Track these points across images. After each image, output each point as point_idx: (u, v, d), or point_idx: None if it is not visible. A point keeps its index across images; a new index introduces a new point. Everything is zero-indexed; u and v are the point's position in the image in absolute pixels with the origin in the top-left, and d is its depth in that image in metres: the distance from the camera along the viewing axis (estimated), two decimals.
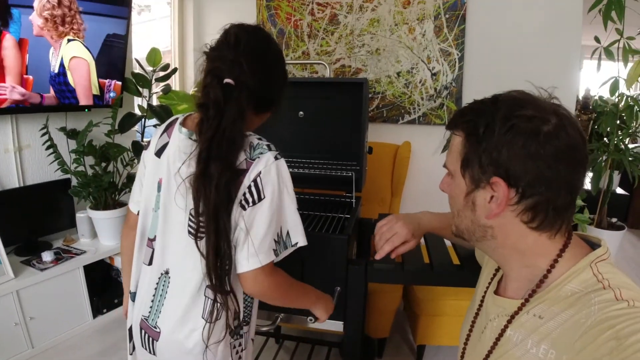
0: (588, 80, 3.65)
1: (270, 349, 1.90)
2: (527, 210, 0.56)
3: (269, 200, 0.77)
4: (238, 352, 0.89)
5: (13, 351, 1.82)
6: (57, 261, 1.99)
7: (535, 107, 0.56)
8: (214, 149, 0.74)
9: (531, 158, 0.54)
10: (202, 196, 0.74)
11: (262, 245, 0.77)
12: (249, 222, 0.77)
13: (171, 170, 0.83)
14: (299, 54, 2.62)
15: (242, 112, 0.76)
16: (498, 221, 0.59)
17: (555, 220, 0.57)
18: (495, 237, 0.61)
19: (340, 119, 1.49)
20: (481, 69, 2.32)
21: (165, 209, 0.85)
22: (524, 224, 0.58)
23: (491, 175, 0.56)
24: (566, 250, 0.59)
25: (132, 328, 0.94)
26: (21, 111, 1.94)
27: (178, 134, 0.84)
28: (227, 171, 0.74)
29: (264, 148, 0.80)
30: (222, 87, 0.75)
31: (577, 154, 0.55)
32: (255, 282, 0.80)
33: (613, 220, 2.15)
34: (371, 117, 2.52)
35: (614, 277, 0.55)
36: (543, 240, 0.59)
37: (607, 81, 2.04)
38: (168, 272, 0.86)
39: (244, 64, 0.76)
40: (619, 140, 2.03)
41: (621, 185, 3.90)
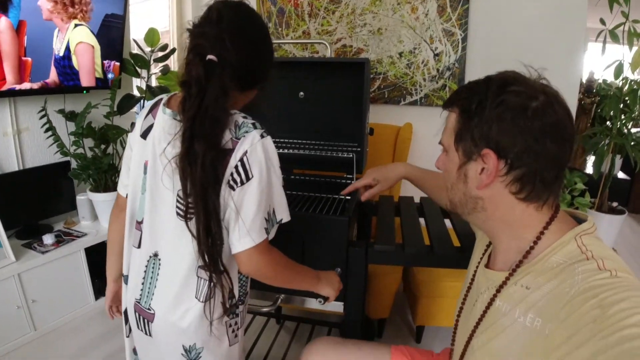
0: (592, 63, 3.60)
1: (271, 329, 1.92)
2: (515, 181, 0.60)
3: (257, 179, 0.77)
4: (234, 331, 0.89)
5: (16, 334, 1.84)
6: (58, 244, 2.00)
7: (524, 85, 0.60)
8: (197, 127, 0.73)
9: (520, 131, 0.57)
10: (188, 176, 0.73)
11: (253, 224, 0.77)
12: (239, 203, 0.76)
13: (157, 151, 0.82)
14: (300, 33, 2.57)
15: (225, 90, 0.74)
16: (488, 192, 0.62)
17: (543, 192, 0.60)
18: (485, 209, 0.64)
19: (341, 100, 1.47)
20: (484, 50, 2.28)
21: (152, 192, 0.84)
22: (513, 195, 0.61)
23: (482, 147, 0.60)
24: (552, 223, 0.62)
25: (127, 310, 0.94)
26: (19, 94, 1.92)
27: (162, 114, 0.83)
28: (212, 150, 0.73)
29: (249, 127, 0.78)
30: (204, 64, 0.73)
31: (564, 130, 0.59)
32: (250, 262, 0.79)
33: (614, 205, 2.14)
34: (372, 98, 2.49)
35: (597, 248, 0.57)
36: (530, 211, 0.62)
37: (612, 64, 2.00)
38: (157, 255, 0.85)
39: (227, 40, 0.74)
40: (621, 124, 2.01)
41: (623, 170, 3.89)
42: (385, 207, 1.42)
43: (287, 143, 1.55)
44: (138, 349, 0.96)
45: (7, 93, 1.87)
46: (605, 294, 0.50)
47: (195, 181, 0.73)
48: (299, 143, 1.54)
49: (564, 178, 0.63)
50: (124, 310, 0.97)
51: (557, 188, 0.62)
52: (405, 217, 1.34)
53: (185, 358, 0.86)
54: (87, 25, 2.07)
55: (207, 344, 0.85)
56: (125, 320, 0.97)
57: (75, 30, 2.04)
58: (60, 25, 1.97)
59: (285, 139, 1.55)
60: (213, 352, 0.86)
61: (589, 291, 0.51)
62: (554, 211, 0.63)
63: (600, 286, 0.51)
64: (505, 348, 0.62)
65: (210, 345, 0.85)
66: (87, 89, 2.18)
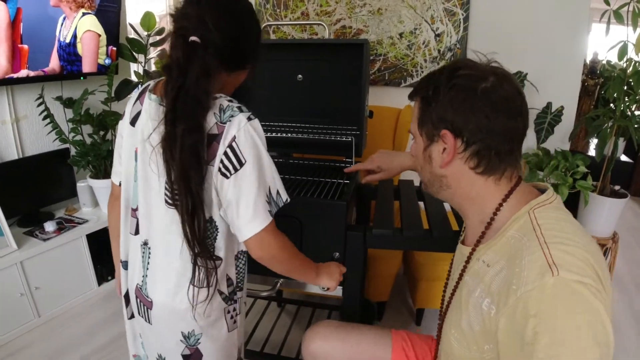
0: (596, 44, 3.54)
1: (272, 313, 1.94)
2: (472, 156, 0.64)
3: (251, 163, 0.75)
4: (233, 317, 0.90)
5: (20, 321, 1.87)
6: (59, 231, 2.01)
7: (473, 68, 0.64)
8: (178, 109, 0.71)
9: (471, 110, 0.62)
10: (168, 159, 0.73)
11: (256, 208, 0.76)
12: (237, 190, 0.75)
13: (144, 138, 0.81)
14: (298, 14, 2.53)
15: (206, 70, 0.73)
16: (450, 170, 0.67)
17: (499, 164, 0.65)
18: (450, 186, 0.69)
19: (340, 82, 1.45)
20: (486, 30, 2.24)
21: (142, 179, 0.83)
22: (472, 170, 0.65)
23: (441, 129, 0.65)
24: (511, 196, 0.65)
25: (128, 293, 0.95)
26: (16, 82, 1.90)
27: (148, 101, 0.81)
28: (195, 132, 0.72)
29: (234, 110, 0.76)
30: (186, 46, 0.72)
31: (513, 105, 0.63)
32: (262, 245, 0.79)
33: (616, 188, 2.12)
34: (372, 80, 2.46)
35: (548, 222, 0.60)
36: (489, 184, 0.66)
37: (616, 45, 1.97)
38: (147, 243, 0.85)
39: (208, 20, 0.73)
40: (625, 106, 1.98)
41: (626, 153, 3.86)
42: (384, 191, 1.41)
43: (286, 126, 1.53)
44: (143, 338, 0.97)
45: (4, 81, 1.85)
46: (541, 326, 0.52)
47: (175, 164, 0.72)
48: (297, 126, 1.52)
49: (519, 151, 0.68)
50: (125, 294, 0.97)
51: (513, 160, 0.66)
52: (404, 201, 1.34)
53: (184, 344, 0.86)
54: (94, 14, 2.08)
55: (206, 330, 0.85)
56: (126, 303, 0.98)
57: (84, 19, 2.05)
58: (68, 12, 1.97)
59: (283, 122, 1.54)
60: (212, 338, 0.87)
61: (532, 308, 0.53)
62: (513, 184, 0.66)
63: (539, 303, 0.52)
64: (470, 326, 0.65)
65: (208, 331, 0.86)
66: (85, 75, 2.16)
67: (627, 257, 2.67)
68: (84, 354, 1.76)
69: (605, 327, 0.51)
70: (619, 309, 2.11)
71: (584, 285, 0.52)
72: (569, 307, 0.51)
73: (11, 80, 1.87)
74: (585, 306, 0.51)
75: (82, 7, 2.01)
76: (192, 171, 0.72)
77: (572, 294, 0.52)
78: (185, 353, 0.87)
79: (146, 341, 0.94)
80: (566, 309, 0.51)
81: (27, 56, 1.89)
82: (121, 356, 1.74)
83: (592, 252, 0.56)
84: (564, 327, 0.51)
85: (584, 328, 0.51)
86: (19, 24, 1.81)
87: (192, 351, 0.86)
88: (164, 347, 0.89)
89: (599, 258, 0.56)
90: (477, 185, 0.66)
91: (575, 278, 0.52)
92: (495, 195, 0.66)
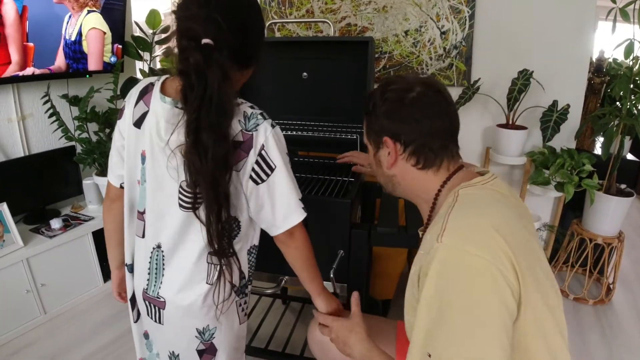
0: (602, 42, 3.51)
1: (276, 310, 1.95)
2: (411, 155, 0.75)
3: (281, 166, 0.79)
4: (244, 310, 0.92)
5: (26, 317, 1.88)
6: (65, 228, 2.02)
7: (401, 82, 0.75)
8: (204, 118, 0.70)
9: (402, 118, 0.73)
10: (196, 168, 0.72)
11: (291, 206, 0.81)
12: (271, 194, 0.79)
13: (157, 141, 0.79)
14: (303, 12, 2.53)
15: (226, 74, 0.72)
16: (396, 169, 0.77)
17: (435, 159, 0.74)
18: (399, 183, 0.79)
19: (346, 80, 1.45)
20: (492, 28, 2.23)
21: (152, 182, 0.82)
22: (413, 167, 0.75)
23: (382, 136, 0.76)
24: (449, 182, 0.74)
25: (135, 296, 0.95)
26: (22, 80, 1.91)
27: (161, 103, 0.79)
28: (223, 142, 0.72)
29: (259, 118, 0.78)
30: (200, 50, 0.70)
31: (438, 107, 0.73)
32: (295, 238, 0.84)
33: (622, 187, 2.11)
34: (377, 78, 2.45)
35: (465, 198, 0.68)
36: (429, 176, 0.76)
37: (622, 43, 1.95)
38: (160, 247, 0.84)
39: (220, 20, 0.71)
40: (631, 104, 1.96)
41: (632, 152, 3.83)
42: None
43: (291, 124, 1.53)
44: (150, 334, 0.98)
45: (10, 79, 1.86)
46: (426, 283, 0.62)
47: (205, 173, 0.72)
48: (302, 124, 1.52)
49: (453, 144, 0.76)
50: (131, 297, 0.97)
51: (448, 153, 0.75)
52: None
53: (199, 340, 0.87)
54: (99, 12, 2.09)
55: (220, 325, 0.87)
56: (132, 306, 0.98)
57: (89, 17, 2.06)
58: (72, 10, 1.99)
59: (289, 120, 1.54)
60: (225, 331, 0.88)
61: (424, 271, 0.63)
62: (452, 172, 0.75)
63: (429, 270, 0.61)
64: (409, 301, 0.74)
65: (222, 325, 0.87)
66: (91, 73, 2.17)
67: (633, 256, 2.65)
68: (89, 352, 1.77)
69: (475, 286, 0.58)
70: (623, 308, 2.10)
71: (463, 252, 0.59)
72: (446, 269, 0.60)
73: (17, 78, 1.88)
74: (459, 269, 0.59)
75: (86, 5, 2.02)
76: (221, 179, 0.74)
77: (450, 259, 0.60)
78: (200, 348, 0.88)
79: (157, 340, 0.95)
80: (443, 270, 0.60)
81: (32, 54, 1.90)
82: (126, 354, 1.75)
83: (491, 221, 0.62)
84: (443, 286, 0.60)
85: (459, 288, 0.58)
86: (25, 21, 1.82)
87: (207, 346, 0.88)
88: (178, 344, 0.89)
89: (502, 225, 0.62)
90: (421, 178, 0.76)
91: (454, 244, 0.60)
92: (434, 184, 0.76)
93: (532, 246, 0.67)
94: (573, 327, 1.94)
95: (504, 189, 0.73)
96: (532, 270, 0.62)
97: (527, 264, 0.61)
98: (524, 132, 2.13)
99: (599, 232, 2.08)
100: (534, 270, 0.63)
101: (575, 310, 2.07)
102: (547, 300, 0.64)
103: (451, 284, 0.59)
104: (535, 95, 2.17)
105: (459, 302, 0.58)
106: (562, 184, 1.98)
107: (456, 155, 0.77)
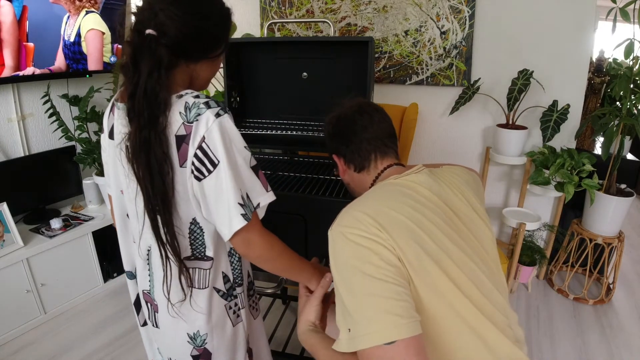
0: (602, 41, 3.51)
1: (276, 310, 1.95)
2: (349, 163, 0.93)
3: (224, 162, 0.71)
4: (235, 312, 0.89)
5: (26, 317, 1.88)
6: (65, 228, 2.02)
7: (334, 111, 0.96)
8: (136, 106, 0.69)
9: (336, 138, 0.94)
10: (134, 162, 0.70)
11: (232, 210, 0.73)
12: (214, 191, 0.72)
13: (119, 148, 0.78)
14: (303, 12, 2.53)
15: (159, 62, 0.69)
16: (348, 177, 0.96)
17: (364, 160, 0.91)
18: (354, 188, 0.97)
19: (345, 80, 1.45)
20: (492, 28, 2.23)
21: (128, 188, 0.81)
22: (355, 172, 0.93)
23: (332, 153, 0.97)
24: (379, 178, 0.89)
25: (139, 299, 0.95)
26: (22, 79, 1.91)
27: (117, 110, 0.79)
28: (151, 129, 0.68)
29: (200, 107, 0.71)
30: (139, 40, 0.69)
31: (358, 123, 0.91)
32: (246, 245, 0.76)
33: (622, 187, 2.11)
34: (377, 77, 2.45)
35: (369, 192, 0.81)
36: (364, 176, 0.92)
37: (622, 43, 1.95)
38: (150, 249, 0.84)
39: (159, 10, 0.69)
40: (631, 104, 1.96)
41: (632, 152, 3.83)
42: None
43: (291, 124, 1.53)
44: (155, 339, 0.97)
45: (10, 79, 1.86)
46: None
47: (140, 165, 0.70)
48: (302, 124, 1.52)
49: (383, 146, 0.91)
50: (134, 301, 0.96)
51: (376, 151, 0.90)
52: None
53: (192, 345, 0.86)
54: (98, 12, 2.09)
55: (211, 329, 0.85)
56: (137, 310, 0.98)
57: (87, 17, 2.06)
58: (71, 13, 1.99)
59: (288, 120, 1.54)
60: (218, 336, 0.87)
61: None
62: (381, 170, 0.90)
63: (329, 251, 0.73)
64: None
65: (214, 330, 0.86)
66: (90, 73, 2.17)
67: (633, 255, 2.65)
68: (89, 351, 1.77)
69: (357, 251, 0.67)
70: (623, 308, 2.10)
71: (339, 231, 0.71)
72: (334, 249, 0.71)
73: (17, 78, 1.88)
74: (341, 244, 0.69)
75: (83, 7, 2.02)
76: (156, 176, 0.69)
77: (335, 239, 0.71)
78: (195, 354, 0.87)
79: (160, 346, 0.95)
80: (332, 251, 0.71)
81: (32, 54, 1.90)
82: (126, 354, 1.75)
83: (363, 209, 0.72)
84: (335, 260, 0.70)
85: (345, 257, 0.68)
86: (24, 22, 1.82)
87: (201, 352, 0.86)
88: (174, 350, 0.89)
89: (376, 212, 0.71)
90: (361, 179, 0.92)
91: (334, 227, 0.72)
92: (367, 183, 0.91)
93: (424, 228, 0.72)
94: (573, 327, 1.94)
95: (418, 181, 0.80)
96: (419, 245, 0.69)
97: (407, 239, 0.68)
98: (524, 132, 2.14)
99: (599, 232, 2.08)
100: (422, 245, 0.69)
101: (575, 310, 2.07)
102: (448, 274, 0.68)
103: (340, 259, 0.69)
104: (535, 95, 2.17)
105: (349, 268, 0.66)
106: (562, 184, 1.98)
107: (388, 155, 0.91)
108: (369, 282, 0.64)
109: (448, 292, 0.67)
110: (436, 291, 0.66)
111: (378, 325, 0.60)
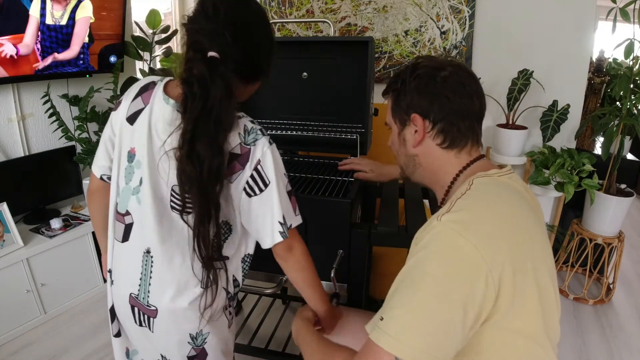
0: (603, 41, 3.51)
1: (277, 310, 1.95)
2: (438, 133, 0.74)
3: (274, 183, 0.78)
4: (231, 313, 0.92)
5: (26, 317, 1.88)
6: (65, 228, 2.02)
7: (432, 61, 0.75)
8: (201, 129, 0.70)
9: (433, 95, 0.72)
10: (188, 176, 0.72)
11: (275, 223, 0.79)
12: (263, 207, 0.79)
13: (154, 142, 0.79)
14: (303, 12, 2.53)
15: (229, 88, 0.71)
16: (421, 149, 0.77)
17: (460, 139, 0.74)
18: (421, 164, 0.78)
19: (346, 80, 1.45)
20: (492, 28, 2.23)
21: (144, 183, 0.80)
22: (438, 146, 0.75)
23: (411, 113, 0.75)
24: (468, 169, 0.74)
25: (114, 308, 0.92)
26: (22, 80, 1.91)
27: (164, 104, 0.79)
28: (218, 154, 0.72)
29: (258, 133, 0.79)
30: (205, 62, 0.70)
31: (469, 87, 0.73)
32: (288, 249, 0.83)
33: (622, 187, 2.11)
34: (377, 77, 2.46)
35: (478, 187, 0.68)
36: (451, 157, 0.75)
37: (622, 43, 1.95)
38: (150, 252, 0.82)
39: (227, 34, 0.71)
40: (631, 104, 1.96)
41: (632, 152, 3.83)
42: (389, 189, 1.41)
43: (291, 124, 1.53)
44: (137, 345, 0.94)
45: (10, 79, 1.86)
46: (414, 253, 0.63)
47: (197, 182, 0.71)
48: (302, 124, 1.52)
49: (479, 128, 0.76)
50: (110, 308, 0.93)
51: (473, 135, 0.75)
52: (409, 198, 1.33)
53: (191, 345, 0.86)
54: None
55: (212, 329, 0.86)
56: (111, 318, 0.94)
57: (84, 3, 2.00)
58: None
59: (288, 120, 1.54)
60: (217, 335, 0.88)
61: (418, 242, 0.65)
62: (473, 158, 0.75)
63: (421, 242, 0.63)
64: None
65: (215, 329, 0.87)
66: (90, 73, 2.17)
67: (633, 256, 2.65)
68: (89, 352, 1.77)
69: (454, 267, 0.57)
70: (623, 307, 2.10)
71: (458, 234, 0.59)
72: (434, 242, 0.61)
73: (17, 78, 1.88)
74: (448, 246, 0.59)
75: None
76: (211, 189, 0.73)
77: (443, 235, 0.61)
78: (191, 354, 0.86)
79: (144, 349, 0.92)
80: (430, 242, 0.61)
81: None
82: None
83: (497, 216, 0.63)
84: (424, 256, 0.61)
85: (438, 262, 0.59)
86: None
87: (198, 351, 0.87)
88: (168, 351, 0.87)
89: (507, 220, 0.63)
90: (443, 159, 0.76)
91: (452, 225, 0.60)
92: (455, 167, 0.75)
93: (536, 242, 0.66)
94: (573, 327, 1.94)
95: (519, 184, 0.73)
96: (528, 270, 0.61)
97: (522, 265, 0.60)
98: (524, 132, 2.14)
99: (599, 232, 2.08)
100: (532, 270, 0.62)
101: (575, 310, 2.07)
102: (543, 296, 0.62)
103: (433, 256, 0.59)
104: (536, 95, 2.17)
105: (430, 273, 0.58)
106: (562, 183, 1.98)
107: (479, 142, 0.77)
108: (432, 303, 0.57)
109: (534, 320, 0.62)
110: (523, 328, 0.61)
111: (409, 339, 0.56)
